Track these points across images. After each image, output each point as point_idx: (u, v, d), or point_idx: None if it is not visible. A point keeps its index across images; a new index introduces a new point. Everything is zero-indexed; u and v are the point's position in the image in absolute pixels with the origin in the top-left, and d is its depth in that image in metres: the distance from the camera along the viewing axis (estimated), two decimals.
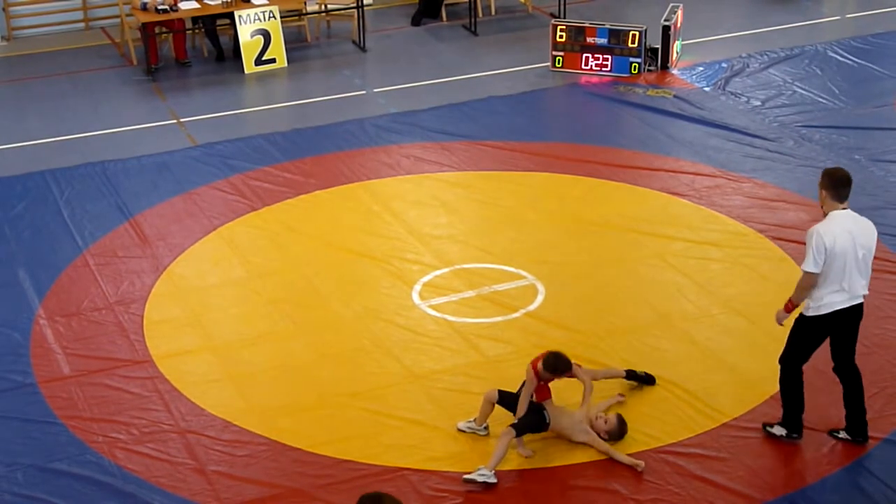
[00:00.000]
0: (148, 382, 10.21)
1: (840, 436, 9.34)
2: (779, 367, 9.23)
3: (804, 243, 11.90)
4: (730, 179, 13.42)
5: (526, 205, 13.07)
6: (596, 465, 9.09)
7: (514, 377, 10.13)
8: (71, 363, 10.49)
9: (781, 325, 9.24)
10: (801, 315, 9.09)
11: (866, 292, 9.04)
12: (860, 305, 9.04)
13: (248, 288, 11.64)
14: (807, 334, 9.08)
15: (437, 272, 11.77)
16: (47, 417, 9.81)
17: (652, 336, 10.67)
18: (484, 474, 8.84)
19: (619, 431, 9.33)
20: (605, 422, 9.31)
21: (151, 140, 14.86)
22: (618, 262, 11.91)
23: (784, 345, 9.24)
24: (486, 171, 13.81)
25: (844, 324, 9.03)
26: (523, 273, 11.72)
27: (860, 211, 12.56)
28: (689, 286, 11.41)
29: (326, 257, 12.13)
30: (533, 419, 9.19)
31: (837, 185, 8.81)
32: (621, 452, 9.13)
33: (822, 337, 9.10)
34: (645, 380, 9.96)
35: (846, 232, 8.79)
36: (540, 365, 9.20)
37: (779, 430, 9.34)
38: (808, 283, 8.85)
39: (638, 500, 8.78)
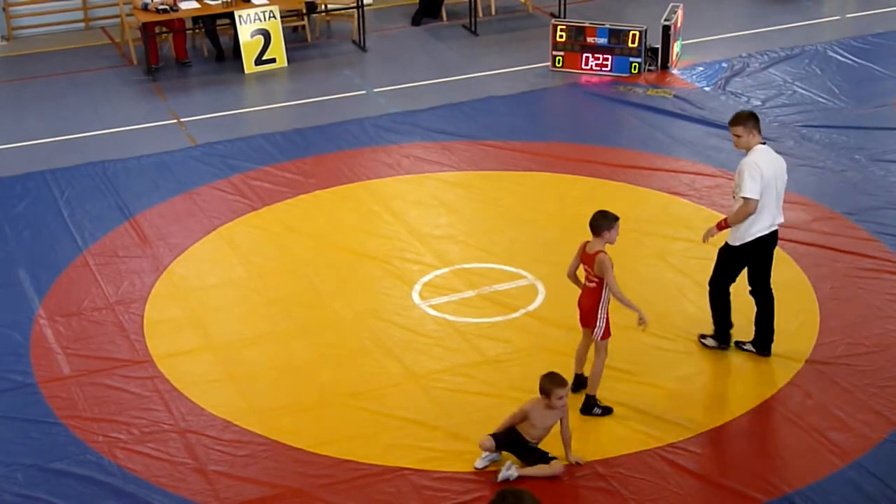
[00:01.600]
0: (148, 382, 10.22)
1: (745, 347, 10.38)
2: (708, 288, 10.34)
3: (804, 243, 12.07)
4: (730, 179, 13.33)
5: (526, 205, 13.07)
6: (596, 465, 9.09)
7: (514, 377, 10.16)
8: (71, 363, 10.49)
9: (706, 242, 10.10)
10: (727, 245, 10.06)
11: (782, 220, 10.12)
12: (776, 232, 10.07)
13: (248, 288, 11.64)
14: (733, 262, 10.10)
15: (438, 272, 11.77)
16: (47, 417, 9.81)
17: (652, 336, 10.66)
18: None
19: (556, 380, 8.88)
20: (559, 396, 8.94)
21: (151, 140, 14.86)
22: (618, 262, 11.83)
23: (713, 272, 10.32)
24: (486, 171, 13.81)
25: (763, 250, 10.01)
26: (523, 273, 11.72)
27: (861, 211, 12.72)
28: (690, 286, 11.41)
29: (327, 257, 12.13)
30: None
31: (758, 121, 9.95)
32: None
33: (745, 263, 10.10)
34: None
35: (772, 162, 9.92)
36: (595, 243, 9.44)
37: (710, 342, 10.45)
38: (750, 209, 9.77)
39: (638, 500, 8.78)
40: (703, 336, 10.54)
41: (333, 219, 12.89)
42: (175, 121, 15.48)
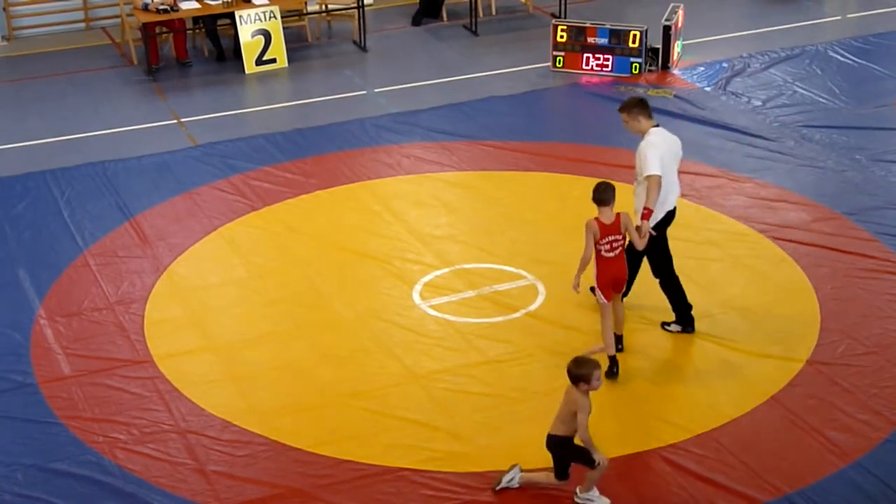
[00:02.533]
0: (148, 382, 10.22)
1: (671, 328, 10.69)
2: (658, 280, 10.64)
3: (805, 243, 12.07)
4: (730, 179, 13.42)
5: (526, 205, 13.07)
6: None
7: (514, 377, 10.16)
8: (71, 363, 10.49)
9: (653, 234, 10.21)
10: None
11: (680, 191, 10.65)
12: (676, 208, 10.58)
13: (248, 288, 11.64)
14: (658, 242, 10.41)
15: (438, 272, 11.77)
16: (47, 417, 9.81)
17: (652, 336, 10.67)
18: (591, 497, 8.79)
19: (590, 362, 8.53)
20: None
21: (152, 140, 14.86)
22: None
23: (651, 264, 10.65)
24: (487, 171, 13.81)
25: (667, 226, 10.51)
26: (523, 273, 11.72)
27: (862, 212, 12.73)
28: (690, 286, 11.36)
29: (327, 257, 12.13)
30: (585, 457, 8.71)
31: (647, 106, 10.45)
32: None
33: (664, 235, 10.52)
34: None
35: (667, 140, 10.42)
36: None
37: (674, 328, 10.70)
38: (657, 184, 10.13)
39: (638, 500, 8.78)
40: (665, 323, 10.74)
41: (334, 219, 12.89)
42: (175, 121, 15.49)
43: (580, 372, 8.49)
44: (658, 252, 10.52)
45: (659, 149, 10.23)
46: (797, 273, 11.56)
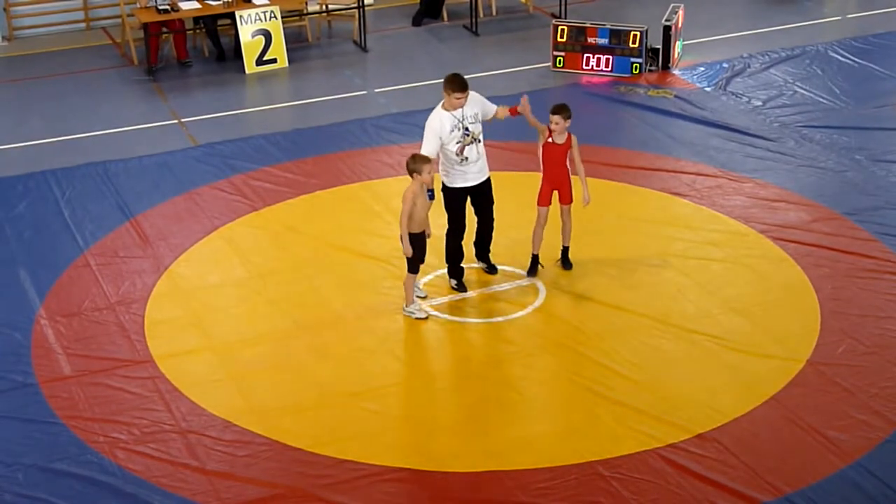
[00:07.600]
0: (149, 382, 10.23)
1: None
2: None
3: (805, 244, 12.09)
4: (731, 179, 13.42)
5: (526, 205, 13.05)
6: (596, 465, 9.09)
7: (515, 377, 10.17)
8: (72, 363, 10.50)
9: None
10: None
11: None
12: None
13: (248, 288, 11.65)
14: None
15: (438, 272, 11.77)
16: (48, 417, 9.82)
17: (652, 336, 10.68)
18: (411, 311, 10.82)
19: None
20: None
21: (152, 140, 14.87)
22: (618, 262, 11.92)
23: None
24: None
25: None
26: (523, 273, 11.72)
27: (862, 212, 12.73)
28: (690, 286, 11.41)
29: (327, 257, 12.14)
30: (417, 254, 10.70)
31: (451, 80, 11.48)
32: None
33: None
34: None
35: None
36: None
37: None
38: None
39: (638, 500, 8.79)
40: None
41: (334, 219, 12.89)
42: (176, 121, 15.49)
43: (415, 166, 10.74)
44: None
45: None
46: (797, 273, 11.57)
